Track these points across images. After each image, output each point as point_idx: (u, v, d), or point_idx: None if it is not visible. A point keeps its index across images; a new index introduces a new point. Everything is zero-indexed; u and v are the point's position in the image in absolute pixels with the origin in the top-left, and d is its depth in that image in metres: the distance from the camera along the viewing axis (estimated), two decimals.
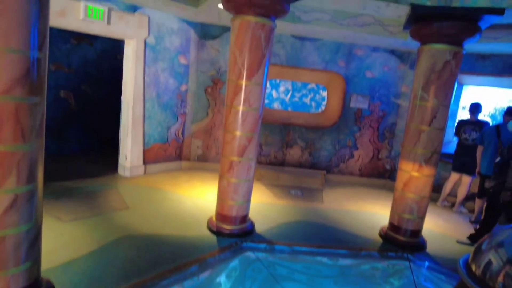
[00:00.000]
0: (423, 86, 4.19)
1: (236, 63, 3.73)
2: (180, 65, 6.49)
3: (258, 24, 3.59)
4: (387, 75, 7.09)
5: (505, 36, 5.42)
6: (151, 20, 5.83)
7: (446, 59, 4.05)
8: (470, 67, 6.67)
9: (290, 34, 6.71)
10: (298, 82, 7.19)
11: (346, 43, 6.85)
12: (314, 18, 5.42)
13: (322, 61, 6.92)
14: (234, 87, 3.79)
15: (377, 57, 6.99)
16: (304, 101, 7.32)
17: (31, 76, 2.09)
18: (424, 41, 4.19)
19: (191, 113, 6.91)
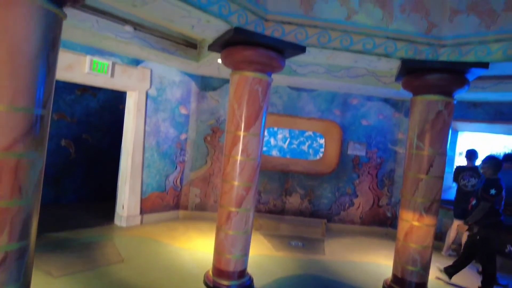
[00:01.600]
0: (418, 135, 4.27)
1: (235, 115, 3.84)
2: (180, 115, 6.66)
3: (256, 79, 3.76)
4: (383, 122, 7.25)
5: (492, 86, 5.63)
6: (154, 73, 6.09)
7: (439, 109, 4.18)
8: (463, 114, 6.85)
9: (287, 85, 6.97)
10: (295, 130, 7.33)
11: (341, 93, 7.09)
12: (309, 71, 5.67)
13: (318, 110, 7.11)
14: (233, 138, 3.86)
15: (371, 105, 7.20)
16: (302, 148, 7.40)
17: (33, 133, 2.14)
18: (416, 92, 4.36)
19: (190, 161, 6.94)
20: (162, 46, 5.09)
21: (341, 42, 3.87)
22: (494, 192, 4.52)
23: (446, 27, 4.07)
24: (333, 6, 3.82)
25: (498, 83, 5.58)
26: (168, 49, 5.18)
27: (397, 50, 4.01)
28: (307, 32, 3.80)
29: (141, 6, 3.10)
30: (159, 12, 3.25)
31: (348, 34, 3.88)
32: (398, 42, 4.01)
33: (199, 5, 3.05)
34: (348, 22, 3.87)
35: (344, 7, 3.84)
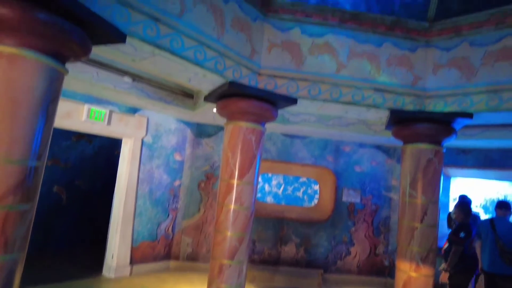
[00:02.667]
0: (411, 183, 4.31)
1: (229, 163, 3.88)
2: (175, 161, 6.69)
3: (249, 129, 3.87)
4: (376, 169, 7.32)
5: (480, 133, 5.80)
6: (150, 120, 6.22)
7: (429, 158, 4.27)
8: (454, 160, 6.97)
9: (280, 132, 7.11)
10: (290, 176, 7.35)
11: (333, 140, 7.23)
12: (301, 120, 5.83)
13: (311, 156, 7.19)
14: (226, 186, 3.87)
15: (364, 152, 7.31)
16: (297, 195, 7.37)
17: (26, 185, 2.14)
18: (406, 141, 4.47)
19: (182, 209, 6.84)
20: (160, 96, 5.26)
21: (331, 94, 4.04)
22: (463, 235, 4.67)
23: (431, 79, 4.30)
24: (322, 60, 4.04)
25: (485, 131, 5.75)
26: (165, 98, 5.34)
27: (385, 101, 4.19)
28: (298, 85, 3.98)
29: (140, 61, 3.26)
30: (157, 66, 3.41)
31: (338, 86, 4.07)
32: (386, 94, 4.19)
33: (196, 61, 3.21)
34: (337, 75, 4.08)
35: (333, 61, 4.07)
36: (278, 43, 4.05)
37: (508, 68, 3.78)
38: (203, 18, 3.28)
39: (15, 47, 2.10)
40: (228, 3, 3.60)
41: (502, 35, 3.86)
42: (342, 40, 4.13)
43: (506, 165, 6.59)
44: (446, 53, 4.24)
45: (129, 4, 2.70)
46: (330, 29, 4.12)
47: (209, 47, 3.33)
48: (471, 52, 4.06)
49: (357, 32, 4.18)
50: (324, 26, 4.11)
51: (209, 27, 3.34)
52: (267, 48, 4.03)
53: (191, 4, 3.16)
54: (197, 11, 3.22)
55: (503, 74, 3.81)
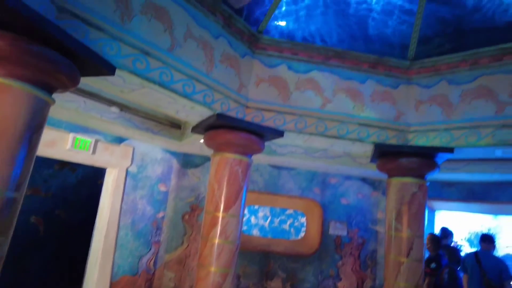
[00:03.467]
0: (396, 217, 4.33)
1: (214, 195, 3.84)
2: (159, 192, 6.56)
3: (236, 160, 3.87)
4: (362, 202, 7.34)
5: (462, 167, 5.94)
6: (136, 150, 6.15)
7: (413, 191, 4.32)
8: (438, 193, 7.07)
9: (268, 164, 7.13)
10: (277, 208, 7.29)
11: (320, 172, 7.27)
12: (288, 151, 5.89)
13: (298, 188, 7.18)
14: (211, 219, 3.80)
15: (350, 185, 7.36)
16: (283, 227, 7.27)
17: (1, 217, 2.06)
18: (391, 174, 4.54)
19: (165, 241, 6.63)
20: (147, 126, 5.26)
21: (316, 128, 4.13)
22: (434, 266, 4.88)
23: (413, 115, 4.46)
24: (308, 96, 4.16)
25: (467, 165, 5.90)
26: (152, 129, 5.34)
27: (369, 135, 4.29)
28: (285, 118, 4.06)
29: (129, 92, 3.29)
30: (146, 98, 3.44)
31: (323, 121, 4.16)
32: (370, 128, 4.31)
33: (185, 94, 3.26)
34: (323, 110, 4.19)
35: (319, 97, 4.19)
36: (266, 78, 4.17)
37: (484, 105, 3.97)
38: (193, 53, 3.37)
39: (2, 77, 2.10)
40: (218, 39, 3.72)
41: (477, 75, 4.09)
42: (327, 77, 4.29)
43: (488, 198, 6.72)
44: (426, 90, 4.43)
45: (120, 38, 2.76)
46: (316, 66, 4.28)
47: (198, 80, 3.40)
48: (450, 90, 4.26)
49: (341, 69, 4.36)
50: (309, 63, 4.27)
51: (198, 61, 3.42)
52: (255, 82, 4.13)
53: (181, 39, 3.26)
54: (188, 46, 3.32)
55: (480, 111, 3.99)
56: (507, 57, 3.89)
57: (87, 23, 2.54)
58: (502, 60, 3.92)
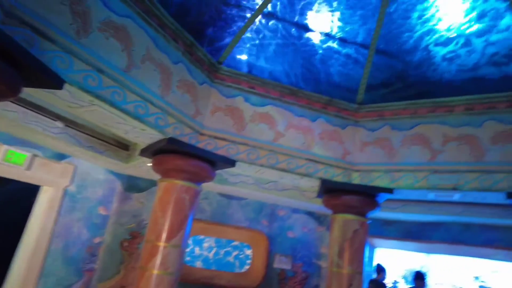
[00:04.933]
0: (338, 253, 4.44)
1: (157, 223, 3.67)
2: (98, 215, 6.12)
3: (184, 187, 3.78)
4: (307, 236, 7.44)
5: (400, 207, 6.32)
6: (78, 169, 5.75)
7: (355, 228, 4.50)
8: (379, 231, 7.40)
9: (218, 192, 7.03)
10: (223, 239, 7.12)
11: (269, 203, 7.31)
12: (239, 181, 5.87)
13: (246, 219, 7.13)
14: (151, 248, 3.60)
15: (297, 218, 7.46)
16: (228, 259, 7.09)
17: None
18: (335, 210, 4.70)
19: (100, 270, 6.12)
20: (92, 144, 4.97)
21: (268, 160, 4.20)
22: None
23: (358, 155, 4.72)
24: (262, 128, 4.26)
25: (405, 205, 6.30)
26: (97, 148, 5.05)
27: (317, 171, 4.45)
28: (238, 148, 4.09)
29: (77, 108, 3.12)
30: (94, 116, 3.28)
31: (275, 153, 4.26)
32: (318, 165, 4.48)
33: (137, 115, 3.17)
34: (275, 143, 4.30)
35: (272, 130, 4.30)
36: (222, 107, 4.21)
37: (421, 151, 4.34)
38: (150, 75, 3.33)
39: None
40: (177, 65, 3.72)
41: (416, 123, 4.49)
42: (281, 112, 4.45)
43: (422, 237, 7.16)
44: (371, 133, 4.76)
45: (73, 52, 2.66)
46: (271, 101, 4.43)
47: (152, 103, 3.34)
48: (392, 135, 4.61)
49: (295, 106, 4.55)
50: (266, 97, 4.42)
51: (154, 84, 3.38)
52: (211, 110, 4.16)
53: (139, 61, 3.21)
54: (145, 68, 3.27)
55: (417, 156, 4.35)
56: (439, 110, 4.35)
57: (37, 32, 2.42)
58: (435, 112, 4.36)
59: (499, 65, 4.09)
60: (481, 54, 4.12)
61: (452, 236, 6.66)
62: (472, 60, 4.19)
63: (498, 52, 4.03)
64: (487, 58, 4.11)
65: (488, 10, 3.79)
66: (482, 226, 6.23)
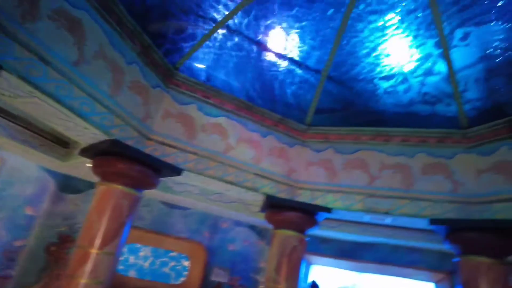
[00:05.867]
0: (276, 268, 4.51)
1: (91, 228, 3.45)
2: (24, 216, 5.58)
3: (124, 192, 3.61)
4: (247, 249, 7.46)
5: (337, 226, 6.63)
6: (6, 163, 5.22)
7: (294, 244, 4.62)
8: (315, 248, 7.65)
9: (160, 200, 6.80)
10: (161, 249, 6.86)
11: (212, 215, 7.23)
12: (184, 190, 5.75)
13: (188, 230, 6.97)
14: (82, 255, 3.36)
15: (239, 231, 7.46)
16: (164, 270, 6.84)
17: None
18: (277, 226, 4.80)
19: (18, 276, 5.53)
20: (24, 138, 4.56)
21: (216, 171, 4.20)
22: None
23: (303, 173, 4.90)
24: (214, 139, 4.26)
25: (341, 225, 6.61)
26: (31, 142, 4.65)
27: (263, 186, 4.54)
28: (187, 157, 4.03)
29: (12, 97, 2.87)
30: (32, 108, 3.04)
31: (224, 165, 4.27)
32: (264, 180, 4.57)
33: (81, 113, 3.00)
34: (225, 155, 4.31)
35: (223, 142, 4.32)
36: (174, 114, 4.14)
37: (360, 175, 4.63)
38: (100, 73, 3.18)
39: None
40: (131, 65, 3.61)
41: (357, 149, 4.80)
42: (234, 125, 4.49)
43: (355, 256, 7.54)
44: (317, 154, 4.98)
45: (16, 37, 2.46)
46: (225, 113, 4.46)
47: (99, 102, 3.19)
48: (335, 157, 4.87)
49: (248, 121, 4.64)
50: (220, 109, 4.44)
51: (104, 83, 3.24)
52: (162, 116, 4.07)
53: (90, 57, 3.06)
54: (96, 65, 3.13)
55: (356, 180, 4.63)
56: (379, 138, 4.70)
57: None
58: (376, 140, 4.71)
59: (430, 104, 4.57)
60: (415, 92, 4.58)
61: (382, 257, 7.11)
62: (408, 96, 4.63)
63: (429, 92, 4.50)
64: (421, 96, 4.57)
65: (425, 54, 4.24)
66: (408, 248, 6.75)
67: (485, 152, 4.19)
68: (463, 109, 4.39)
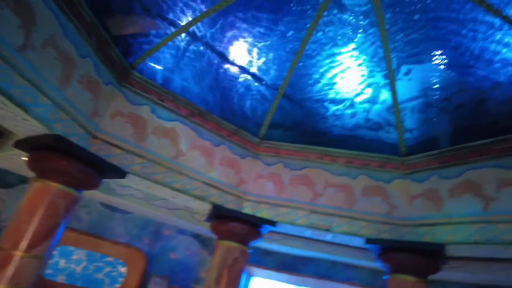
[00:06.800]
0: (216, 278, 4.48)
1: (19, 228, 3.16)
2: None
3: (61, 191, 3.38)
4: (189, 258, 7.30)
5: (280, 239, 6.75)
6: None
7: (236, 256, 4.63)
8: (257, 260, 7.70)
9: (100, 201, 6.45)
10: (97, 253, 6.47)
11: (155, 221, 6.99)
12: (128, 193, 5.52)
13: (128, 234, 6.66)
14: (3, 258, 3.05)
15: (182, 239, 7.28)
16: (97, 276, 6.45)
17: None
18: (220, 236, 4.78)
19: None
20: None
21: (164, 177, 4.10)
22: None
23: (252, 185, 4.96)
24: (164, 144, 4.17)
25: (285, 239, 6.75)
26: None
27: (211, 195, 4.52)
28: (134, 160, 3.89)
29: None
30: None
31: (172, 172, 4.18)
32: (213, 189, 4.55)
33: (21, 102, 2.79)
34: (174, 161, 4.23)
35: (174, 147, 4.24)
36: (125, 113, 4.00)
37: (305, 191, 4.80)
38: (48, 63, 2.99)
39: None
40: (84, 59, 3.44)
41: (305, 166, 4.98)
42: (187, 131, 4.44)
43: (295, 270, 7.70)
44: (267, 167, 5.08)
45: None
46: (179, 118, 4.40)
47: (44, 93, 2.99)
48: (284, 172, 5.00)
49: (202, 128, 4.61)
50: (174, 113, 4.37)
51: (52, 74, 3.04)
52: (111, 114, 3.90)
53: (39, 44, 2.87)
54: (45, 54, 2.94)
55: (301, 195, 4.79)
56: (326, 158, 4.93)
57: None
58: (322, 159, 4.93)
59: (374, 130, 4.91)
60: (361, 118, 4.90)
61: (321, 272, 7.35)
62: (354, 121, 4.94)
63: (373, 119, 4.84)
64: (365, 122, 4.90)
65: (372, 83, 4.57)
66: (346, 265, 7.05)
67: (418, 179, 4.58)
68: (403, 138, 4.76)
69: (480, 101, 4.08)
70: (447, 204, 4.14)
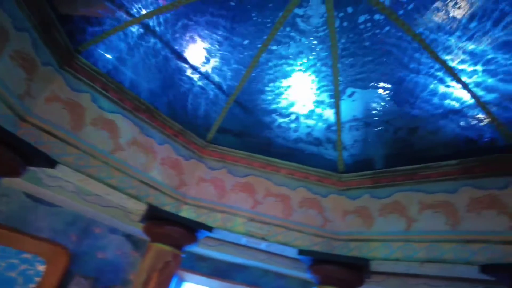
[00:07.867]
0: (144, 282, 4.30)
1: None
2: None
3: None
4: (119, 259, 6.91)
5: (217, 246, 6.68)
6: None
7: (168, 260, 4.50)
8: (191, 266, 7.52)
9: (24, 191, 5.87)
10: (11, 248, 5.86)
11: (85, 217, 6.52)
12: (57, 185, 5.10)
13: (51, 229, 6.12)
14: None
15: (113, 239, 6.87)
16: (9, 274, 5.83)
17: None
18: (154, 239, 4.62)
19: None
20: None
21: (99, 171, 3.87)
22: None
23: (193, 189, 4.88)
24: (102, 136, 3.96)
25: (220, 245, 6.69)
26: None
27: (148, 196, 4.35)
28: (66, 149, 3.64)
29: None
30: None
31: (108, 166, 3.97)
32: (150, 189, 4.40)
33: None
34: (111, 155, 4.03)
35: (112, 141, 4.03)
36: (62, 99, 3.73)
37: (245, 199, 4.84)
38: None
39: None
40: (20, 33, 3.15)
41: (248, 173, 5.03)
42: (129, 126, 4.25)
43: (228, 277, 7.65)
44: (210, 171, 5.04)
45: None
46: (122, 111, 4.20)
47: None
48: (227, 177, 5.01)
49: (146, 124, 4.45)
50: (117, 105, 4.16)
51: None
52: (47, 98, 3.62)
53: None
54: None
55: (241, 203, 4.83)
56: (269, 167, 5.03)
57: None
58: (266, 168, 5.02)
59: (315, 145, 5.13)
60: (303, 132, 5.09)
61: (252, 280, 7.38)
62: (296, 135, 5.12)
63: (315, 135, 5.06)
64: (307, 137, 5.10)
65: (319, 101, 4.79)
66: (277, 274, 7.17)
67: (352, 196, 4.85)
68: (342, 156, 5.03)
69: (414, 129, 4.47)
70: (376, 222, 4.43)
